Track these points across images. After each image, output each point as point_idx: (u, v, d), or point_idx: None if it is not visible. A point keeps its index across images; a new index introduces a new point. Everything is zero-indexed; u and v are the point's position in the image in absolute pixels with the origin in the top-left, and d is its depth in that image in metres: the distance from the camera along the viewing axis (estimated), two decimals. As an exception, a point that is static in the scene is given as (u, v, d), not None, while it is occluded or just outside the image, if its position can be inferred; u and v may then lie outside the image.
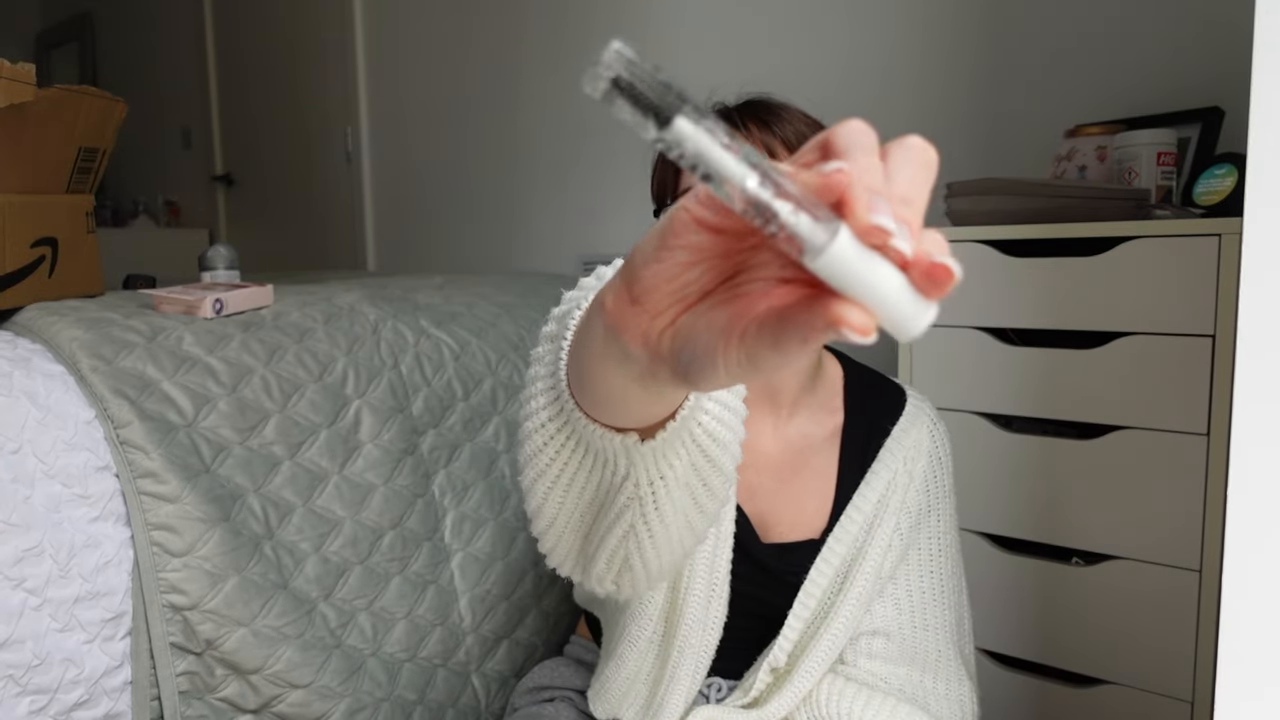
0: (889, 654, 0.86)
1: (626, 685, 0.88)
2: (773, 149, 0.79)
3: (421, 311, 1.32)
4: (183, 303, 1.09)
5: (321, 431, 1.09)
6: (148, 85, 3.95)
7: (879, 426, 0.90)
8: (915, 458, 0.89)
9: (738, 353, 0.30)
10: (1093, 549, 1.18)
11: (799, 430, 0.90)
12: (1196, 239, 1.07)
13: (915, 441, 0.90)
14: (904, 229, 0.26)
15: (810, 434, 0.90)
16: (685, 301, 0.32)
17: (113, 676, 0.89)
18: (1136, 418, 1.13)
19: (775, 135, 0.80)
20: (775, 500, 0.89)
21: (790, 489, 0.89)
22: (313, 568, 1.03)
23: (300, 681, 0.97)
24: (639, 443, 0.47)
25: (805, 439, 0.90)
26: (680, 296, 0.32)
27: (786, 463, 0.89)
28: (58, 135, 1.08)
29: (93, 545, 0.88)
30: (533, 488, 0.54)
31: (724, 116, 0.82)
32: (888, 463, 0.88)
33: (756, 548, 0.87)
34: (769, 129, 0.80)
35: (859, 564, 0.86)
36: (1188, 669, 1.11)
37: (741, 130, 0.80)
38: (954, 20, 1.70)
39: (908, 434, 0.90)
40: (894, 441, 0.90)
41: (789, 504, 0.89)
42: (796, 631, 0.85)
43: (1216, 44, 1.42)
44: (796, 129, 0.81)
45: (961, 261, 1.26)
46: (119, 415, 0.92)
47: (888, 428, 0.90)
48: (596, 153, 2.32)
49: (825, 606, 0.86)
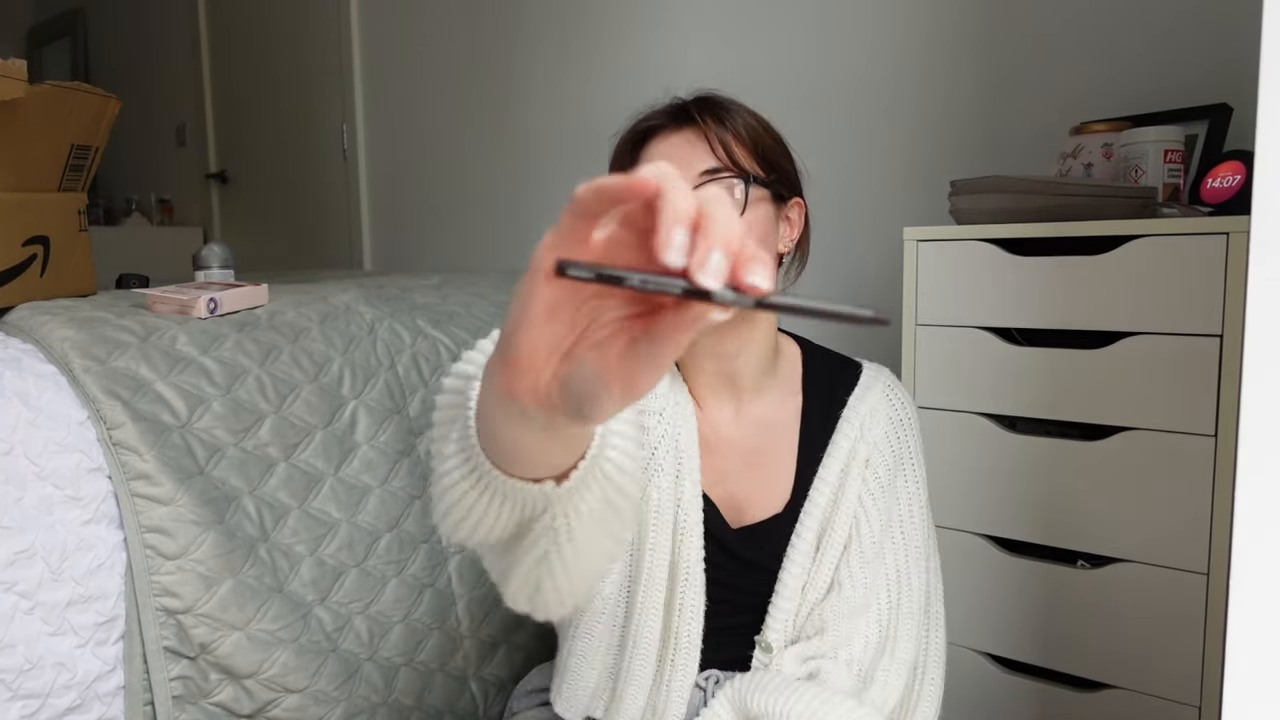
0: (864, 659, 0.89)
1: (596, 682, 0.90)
2: (725, 141, 0.85)
3: (419, 311, 1.32)
4: (176, 302, 1.09)
5: (317, 433, 1.09)
6: (141, 81, 3.95)
7: (837, 399, 0.95)
8: (872, 423, 0.93)
9: (618, 380, 0.37)
10: (1098, 551, 1.18)
11: (761, 413, 0.94)
12: (1204, 237, 1.07)
13: (870, 407, 0.94)
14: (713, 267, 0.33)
15: (772, 415, 0.94)
16: (559, 352, 0.38)
17: (105, 681, 0.89)
18: (1143, 419, 1.13)
19: (728, 128, 0.86)
20: (743, 483, 0.93)
21: (758, 471, 0.93)
22: (308, 571, 1.03)
23: (296, 686, 0.97)
24: (555, 486, 0.50)
25: (768, 421, 0.94)
26: (554, 350, 0.38)
27: (751, 446, 0.93)
28: (49, 132, 1.08)
29: (85, 548, 0.88)
30: (454, 530, 0.56)
31: (680, 110, 0.87)
32: (846, 431, 0.92)
33: (727, 535, 0.90)
34: (722, 123, 0.86)
35: (830, 533, 0.90)
36: (1195, 673, 1.11)
37: (699, 123, 0.86)
38: (958, 15, 1.70)
39: (863, 400, 0.94)
40: (850, 410, 0.94)
41: (758, 486, 0.92)
42: (785, 612, 0.89)
43: (1224, 39, 1.42)
44: (745, 122, 0.87)
45: (966, 260, 1.26)
46: (112, 416, 0.92)
47: (844, 398, 0.95)
48: (596, 149, 2.32)
49: (808, 578, 0.90)
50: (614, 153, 0.91)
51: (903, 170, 1.80)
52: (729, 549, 0.90)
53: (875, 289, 1.85)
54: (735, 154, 0.85)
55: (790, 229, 0.92)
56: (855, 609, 0.89)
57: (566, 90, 2.38)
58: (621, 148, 0.90)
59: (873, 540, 0.90)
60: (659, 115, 0.88)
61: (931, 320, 1.30)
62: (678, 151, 0.86)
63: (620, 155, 0.90)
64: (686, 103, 0.88)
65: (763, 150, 0.88)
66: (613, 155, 0.91)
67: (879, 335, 1.84)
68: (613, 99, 2.28)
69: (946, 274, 1.28)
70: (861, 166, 1.85)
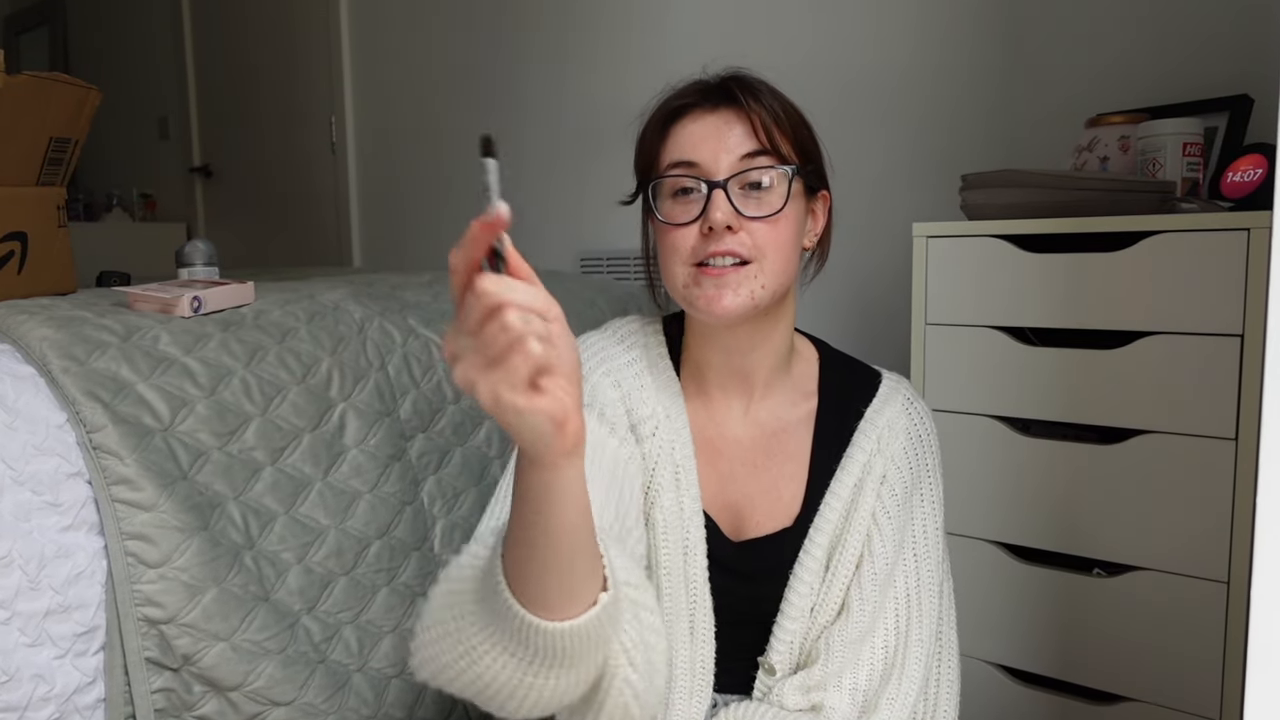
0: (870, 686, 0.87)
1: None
2: (767, 124, 0.84)
3: (409, 310, 1.32)
4: (159, 301, 1.09)
5: (305, 436, 1.09)
6: (122, 72, 3.96)
7: (853, 409, 0.93)
8: (890, 437, 0.91)
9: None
10: (1115, 559, 1.18)
11: (771, 413, 0.93)
12: (1224, 233, 1.07)
13: (889, 421, 0.92)
14: None
15: (783, 416, 0.93)
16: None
17: (85, 694, 0.89)
18: (1161, 421, 1.13)
19: (768, 110, 0.84)
20: (749, 487, 0.91)
21: (764, 475, 0.91)
22: (295, 579, 1.03)
23: (282, 699, 0.96)
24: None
25: (778, 421, 0.92)
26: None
27: (759, 447, 0.92)
28: (27, 125, 1.08)
29: (64, 556, 0.88)
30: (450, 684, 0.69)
31: (717, 89, 0.86)
32: (862, 445, 0.91)
33: (728, 551, 0.89)
34: (763, 104, 0.84)
35: (840, 551, 0.88)
36: (1214, 685, 1.11)
37: (740, 104, 0.84)
38: (970, 3, 1.70)
39: (881, 414, 0.92)
40: (867, 423, 0.92)
41: (764, 492, 0.91)
42: (791, 633, 0.87)
43: (1245, 29, 1.42)
44: (784, 105, 0.86)
45: (977, 257, 1.26)
46: (92, 419, 0.92)
47: (861, 409, 0.93)
48: (596, 144, 2.32)
49: (817, 599, 0.88)
50: (643, 130, 0.90)
51: (912, 163, 1.80)
52: (728, 565, 0.88)
53: (883, 286, 1.85)
54: (776, 139, 0.84)
55: (814, 222, 0.91)
56: (862, 633, 0.86)
57: (567, 77, 2.38)
58: (652, 125, 0.88)
59: (886, 560, 0.88)
60: (691, 93, 0.86)
61: (942, 319, 1.30)
62: (714, 131, 0.84)
63: (650, 133, 0.89)
64: (725, 79, 0.86)
65: (800, 138, 0.86)
66: (641, 133, 0.90)
67: (889, 334, 1.84)
68: (609, 92, 2.28)
69: (957, 271, 1.28)
70: (869, 159, 1.85)
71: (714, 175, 0.83)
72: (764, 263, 0.83)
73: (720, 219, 0.81)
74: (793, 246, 0.85)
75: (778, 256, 0.83)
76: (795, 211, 0.85)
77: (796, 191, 0.85)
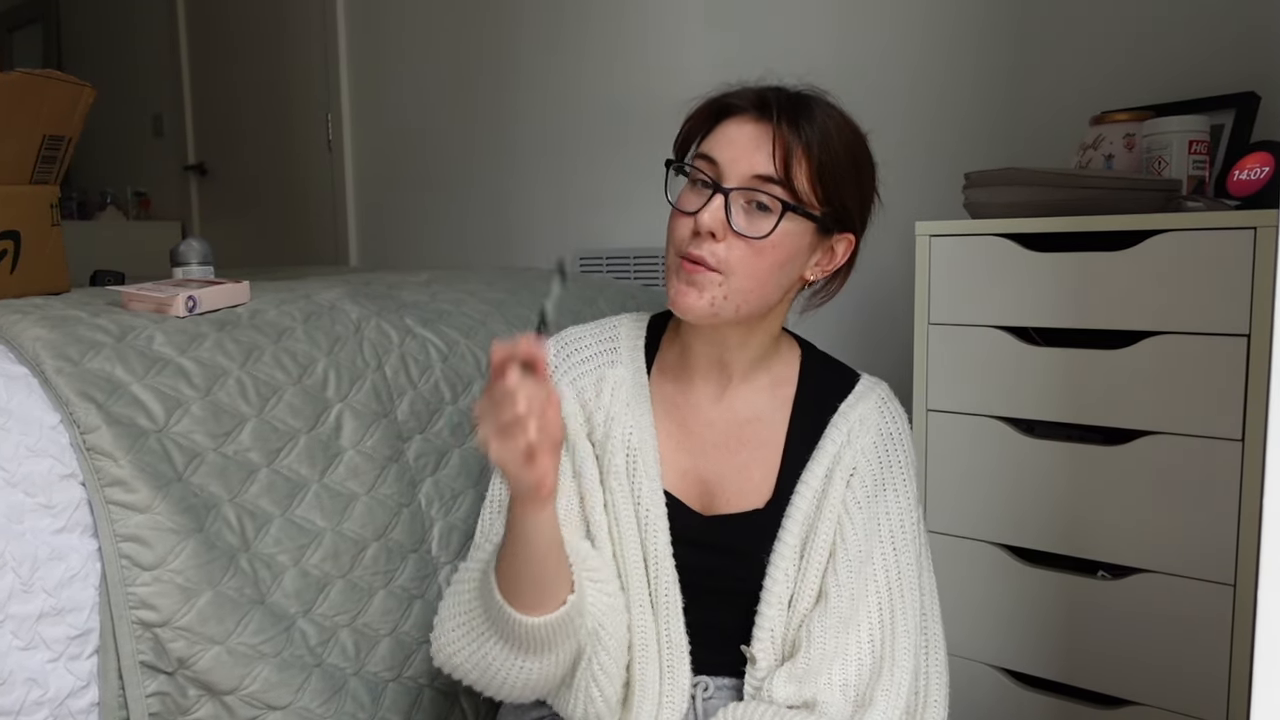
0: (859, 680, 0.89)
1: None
2: (790, 153, 0.85)
3: (407, 309, 1.32)
4: (153, 300, 1.08)
5: (301, 437, 1.09)
6: (116, 69, 3.95)
7: (828, 404, 0.97)
8: (861, 430, 0.95)
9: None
10: (1120, 562, 1.18)
11: (746, 401, 0.97)
12: (1230, 232, 1.07)
13: (861, 416, 0.96)
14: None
15: (758, 406, 0.97)
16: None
17: (79, 698, 0.89)
18: (1166, 422, 1.13)
19: (801, 139, 0.86)
20: (720, 466, 0.95)
21: (736, 459, 0.95)
22: (291, 582, 1.03)
23: (278, 703, 0.96)
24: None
25: (752, 409, 0.96)
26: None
27: (731, 433, 0.96)
28: (20, 122, 1.07)
29: (57, 558, 0.88)
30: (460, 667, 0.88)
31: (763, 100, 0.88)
32: (833, 436, 0.95)
33: (695, 522, 0.93)
34: (797, 131, 0.86)
35: (813, 538, 0.91)
36: (1221, 689, 1.11)
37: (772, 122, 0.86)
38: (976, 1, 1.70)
39: (854, 409, 0.96)
40: (840, 416, 0.96)
41: (735, 473, 0.95)
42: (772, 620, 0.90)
43: (1251, 25, 1.42)
44: (824, 137, 0.87)
45: (981, 257, 1.26)
46: (85, 419, 0.92)
47: (836, 404, 0.97)
48: (595, 141, 2.32)
49: (795, 586, 0.91)
50: (694, 111, 0.93)
51: (914, 161, 1.80)
52: (697, 540, 0.92)
53: (885, 286, 1.85)
54: (794, 171, 0.85)
55: (827, 259, 0.93)
56: (843, 621, 0.89)
57: (565, 73, 2.38)
58: (703, 111, 0.92)
59: (859, 548, 0.91)
60: (745, 97, 0.89)
61: (945, 319, 1.30)
62: (746, 141, 0.86)
63: (699, 118, 0.92)
64: (780, 97, 0.88)
65: (827, 174, 0.87)
66: (692, 113, 0.93)
67: (891, 334, 1.84)
68: (607, 90, 2.28)
69: (960, 271, 1.28)
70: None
71: (725, 181, 0.86)
72: (730, 279, 0.86)
73: (707, 222, 0.85)
74: (770, 275, 0.88)
75: (747, 279, 0.86)
76: (788, 244, 0.87)
77: (796, 229, 0.87)
